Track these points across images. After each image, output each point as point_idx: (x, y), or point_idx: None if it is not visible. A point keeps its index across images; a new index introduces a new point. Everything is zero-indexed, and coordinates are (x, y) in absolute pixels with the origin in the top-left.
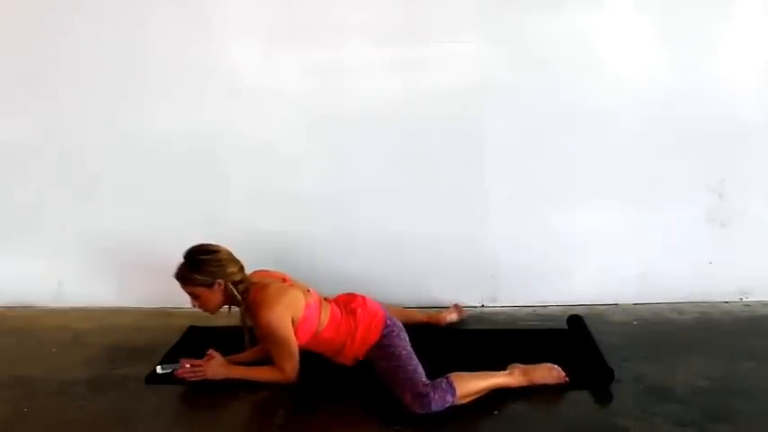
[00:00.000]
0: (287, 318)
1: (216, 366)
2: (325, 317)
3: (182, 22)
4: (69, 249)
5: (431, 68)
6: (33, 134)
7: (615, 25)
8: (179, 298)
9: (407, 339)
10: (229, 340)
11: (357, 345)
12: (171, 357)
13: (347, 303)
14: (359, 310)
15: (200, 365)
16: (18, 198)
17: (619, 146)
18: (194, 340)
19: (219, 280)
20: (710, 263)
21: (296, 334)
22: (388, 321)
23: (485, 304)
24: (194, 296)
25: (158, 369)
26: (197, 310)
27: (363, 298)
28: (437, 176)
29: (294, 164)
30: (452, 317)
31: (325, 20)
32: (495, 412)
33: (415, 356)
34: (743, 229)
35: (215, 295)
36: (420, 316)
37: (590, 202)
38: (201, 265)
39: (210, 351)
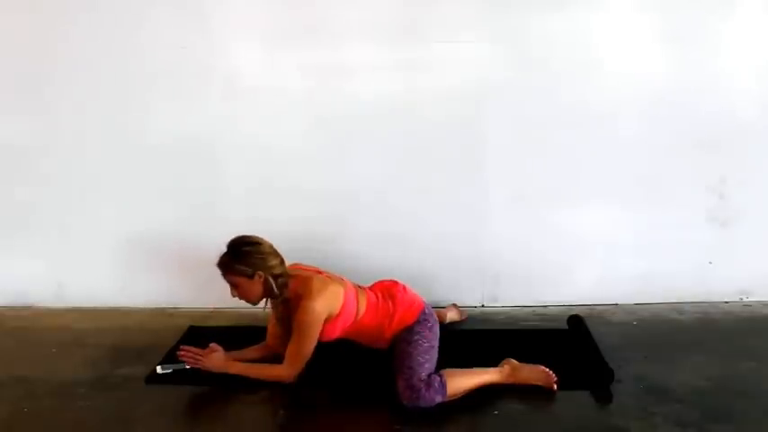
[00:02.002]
0: (323, 315)
1: (215, 359)
2: (363, 303)
3: (182, 22)
4: (69, 249)
5: (431, 68)
6: (33, 134)
7: (616, 25)
8: (179, 298)
9: (438, 336)
10: (229, 340)
11: (394, 327)
12: (171, 357)
13: (388, 289)
14: (398, 296)
15: (200, 356)
16: (18, 197)
17: (619, 146)
18: (194, 340)
19: (260, 272)
20: (710, 263)
21: (334, 325)
22: (426, 311)
23: (485, 304)
24: (234, 285)
25: (158, 369)
26: (197, 309)
27: (404, 286)
28: (437, 176)
29: (294, 163)
30: (453, 315)
31: (325, 19)
32: (496, 412)
33: (434, 354)
34: (743, 229)
35: (255, 286)
36: None
37: (590, 202)
38: (244, 256)
39: (212, 344)
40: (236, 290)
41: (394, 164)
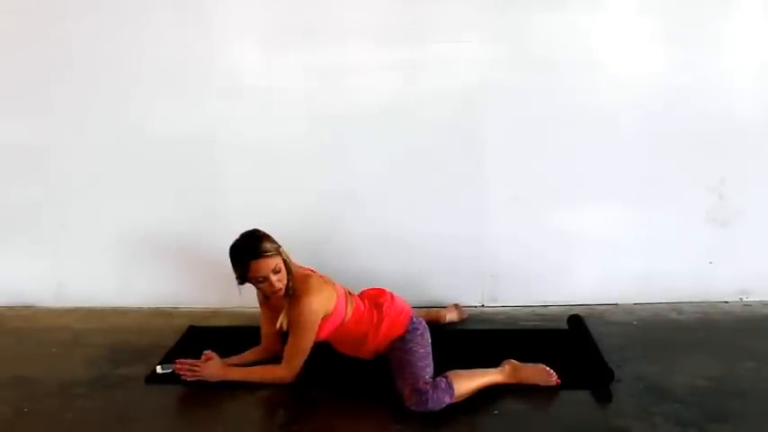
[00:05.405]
0: (320, 312)
1: (212, 368)
2: (350, 308)
3: (182, 22)
4: (69, 249)
5: (431, 68)
6: (33, 134)
7: (616, 25)
8: (179, 298)
9: (429, 341)
10: (229, 340)
11: (380, 337)
12: (171, 357)
13: (375, 297)
14: (385, 305)
15: (197, 366)
16: (18, 198)
17: (619, 146)
18: (194, 340)
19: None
20: (710, 263)
21: (322, 326)
22: (414, 320)
23: (485, 304)
24: (276, 270)
25: (158, 369)
26: (197, 309)
27: (391, 294)
28: (437, 176)
29: (294, 163)
30: (452, 315)
31: (325, 19)
32: (496, 412)
33: (430, 358)
34: (743, 229)
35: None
36: (420, 314)
37: (590, 202)
38: (271, 239)
39: (207, 352)
40: (277, 275)
41: (394, 164)
